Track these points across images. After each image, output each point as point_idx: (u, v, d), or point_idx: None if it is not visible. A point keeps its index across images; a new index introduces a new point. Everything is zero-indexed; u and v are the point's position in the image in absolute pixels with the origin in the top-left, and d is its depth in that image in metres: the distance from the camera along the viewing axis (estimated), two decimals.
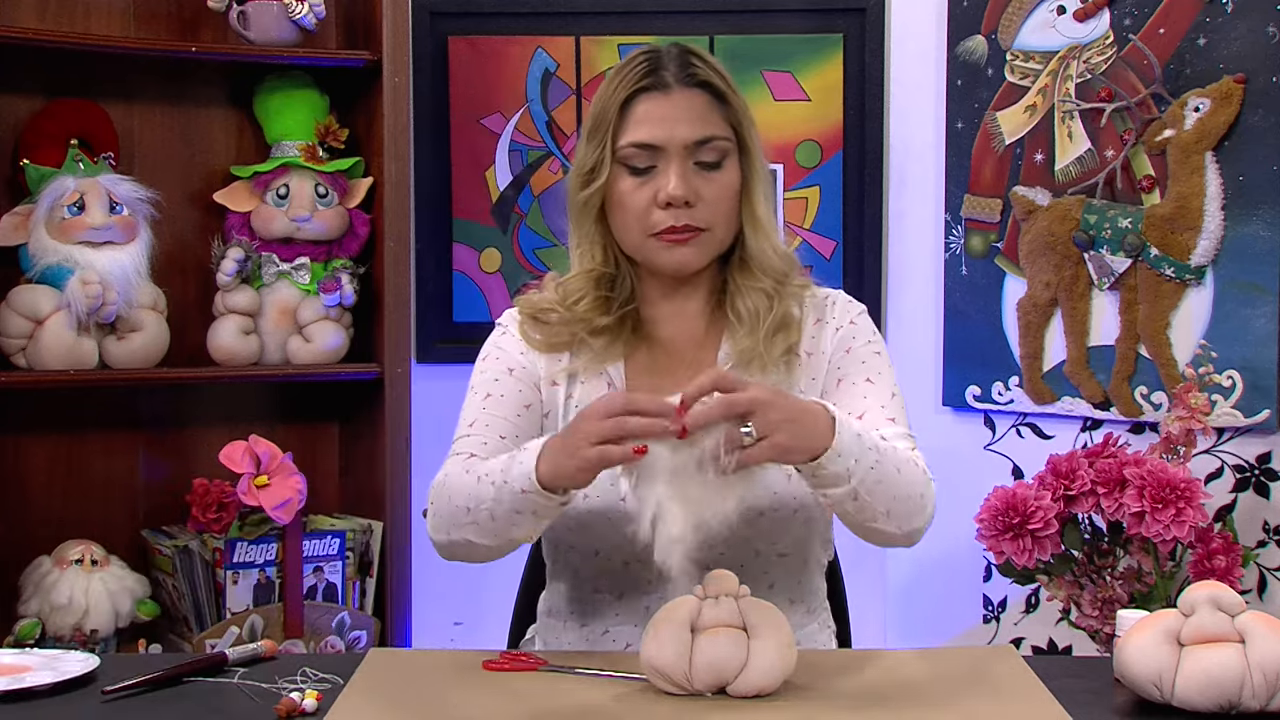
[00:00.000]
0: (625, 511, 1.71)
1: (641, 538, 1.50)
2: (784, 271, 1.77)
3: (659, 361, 1.79)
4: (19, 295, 2.56)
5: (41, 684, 1.52)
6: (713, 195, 1.71)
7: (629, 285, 1.78)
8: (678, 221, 1.70)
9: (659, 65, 1.72)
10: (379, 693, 1.52)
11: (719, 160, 1.72)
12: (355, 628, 2.70)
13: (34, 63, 2.65)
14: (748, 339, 1.74)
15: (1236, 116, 2.42)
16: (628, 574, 1.76)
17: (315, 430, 2.93)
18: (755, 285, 1.75)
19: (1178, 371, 2.51)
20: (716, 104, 1.72)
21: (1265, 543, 2.42)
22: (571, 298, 1.78)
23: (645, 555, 1.72)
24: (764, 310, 1.74)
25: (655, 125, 1.70)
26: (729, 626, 1.46)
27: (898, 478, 1.59)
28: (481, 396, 1.77)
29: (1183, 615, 1.44)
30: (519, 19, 3.02)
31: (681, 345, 1.79)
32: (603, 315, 1.77)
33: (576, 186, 1.75)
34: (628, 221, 1.72)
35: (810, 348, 1.78)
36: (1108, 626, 2.28)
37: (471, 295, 3.05)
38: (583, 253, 1.78)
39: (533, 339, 1.80)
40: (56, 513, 2.70)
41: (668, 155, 1.69)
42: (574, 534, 1.77)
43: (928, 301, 2.93)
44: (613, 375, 1.77)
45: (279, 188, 2.73)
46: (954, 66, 2.85)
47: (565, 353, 1.79)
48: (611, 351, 1.77)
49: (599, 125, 1.72)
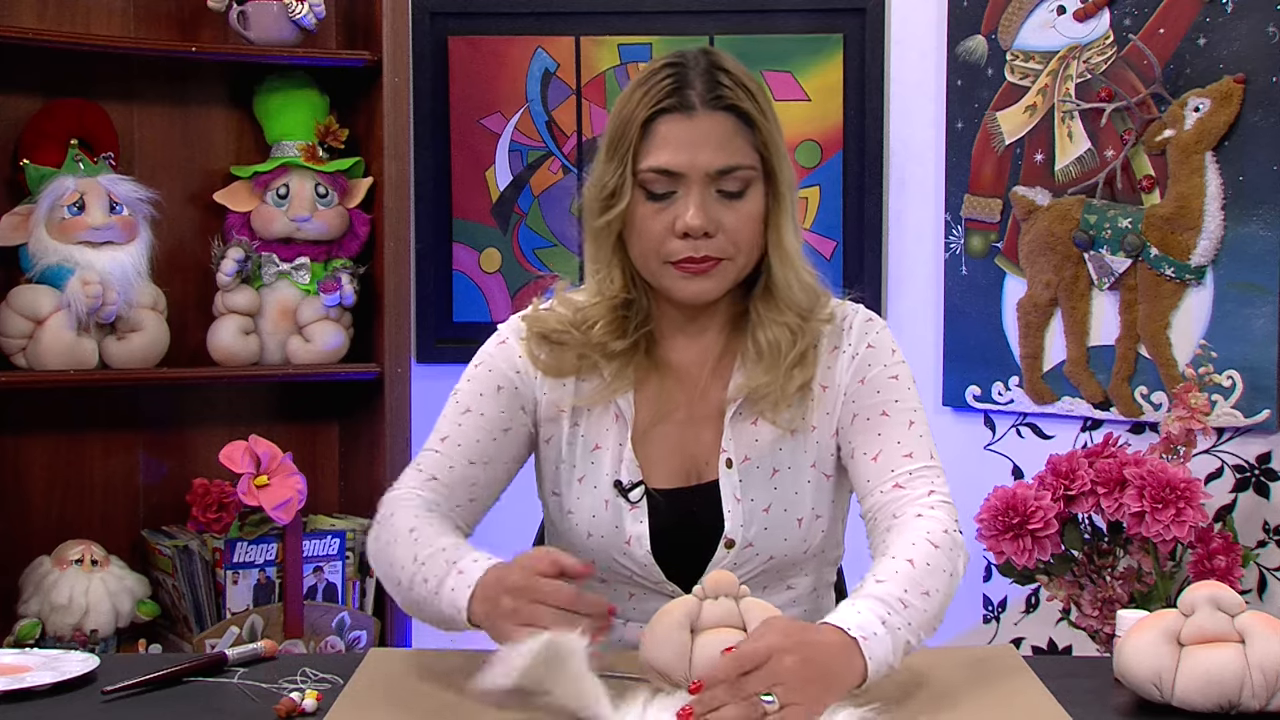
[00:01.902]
0: (629, 553, 1.70)
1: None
2: (809, 306, 1.69)
3: (669, 391, 1.73)
4: (19, 295, 2.56)
5: (41, 684, 1.52)
6: (733, 224, 1.63)
7: (646, 306, 1.72)
8: (696, 252, 1.62)
9: (684, 83, 1.62)
10: (379, 693, 1.52)
11: (741, 190, 1.63)
12: (355, 628, 2.70)
13: (34, 63, 2.65)
14: (764, 375, 1.67)
15: (1236, 116, 2.42)
16: (632, 603, 1.74)
17: (315, 430, 2.93)
18: (779, 319, 1.67)
19: (1178, 371, 2.51)
20: (743, 129, 1.63)
21: (1265, 543, 2.42)
22: (586, 323, 1.71)
23: (650, 590, 1.72)
24: (786, 345, 1.67)
25: (677, 150, 1.61)
26: (728, 627, 1.46)
27: (936, 611, 1.51)
28: (461, 409, 1.72)
29: (1183, 615, 1.44)
30: (519, 19, 3.02)
31: (693, 374, 1.73)
32: (618, 339, 1.70)
33: (596, 210, 1.66)
34: (644, 247, 1.64)
35: (826, 379, 1.70)
36: (1108, 626, 2.28)
37: (471, 295, 3.05)
38: (602, 279, 1.70)
39: (538, 359, 1.73)
40: (56, 513, 2.70)
41: (688, 182, 1.61)
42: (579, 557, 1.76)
43: (928, 301, 2.93)
44: (621, 407, 1.71)
45: (279, 188, 2.74)
46: (954, 66, 2.85)
47: (571, 378, 1.73)
48: (621, 379, 1.70)
49: (619, 143, 1.64)
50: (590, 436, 1.72)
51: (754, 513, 1.69)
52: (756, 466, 1.70)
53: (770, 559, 1.71)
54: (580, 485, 1.72)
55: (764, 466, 1.70)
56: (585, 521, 1.71)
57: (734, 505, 1.69)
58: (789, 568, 1.73)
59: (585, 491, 1.72)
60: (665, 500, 1.70)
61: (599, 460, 1.72)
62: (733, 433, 1.70)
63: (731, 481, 1.69)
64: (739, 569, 1.69)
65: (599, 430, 1.72)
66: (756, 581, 1.70)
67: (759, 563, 1.70)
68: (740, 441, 1.70)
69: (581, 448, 1.73)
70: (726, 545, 1.69)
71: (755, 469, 1.70)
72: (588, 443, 1.72)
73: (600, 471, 1.71)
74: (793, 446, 1.70)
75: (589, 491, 1.72)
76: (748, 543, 1.69)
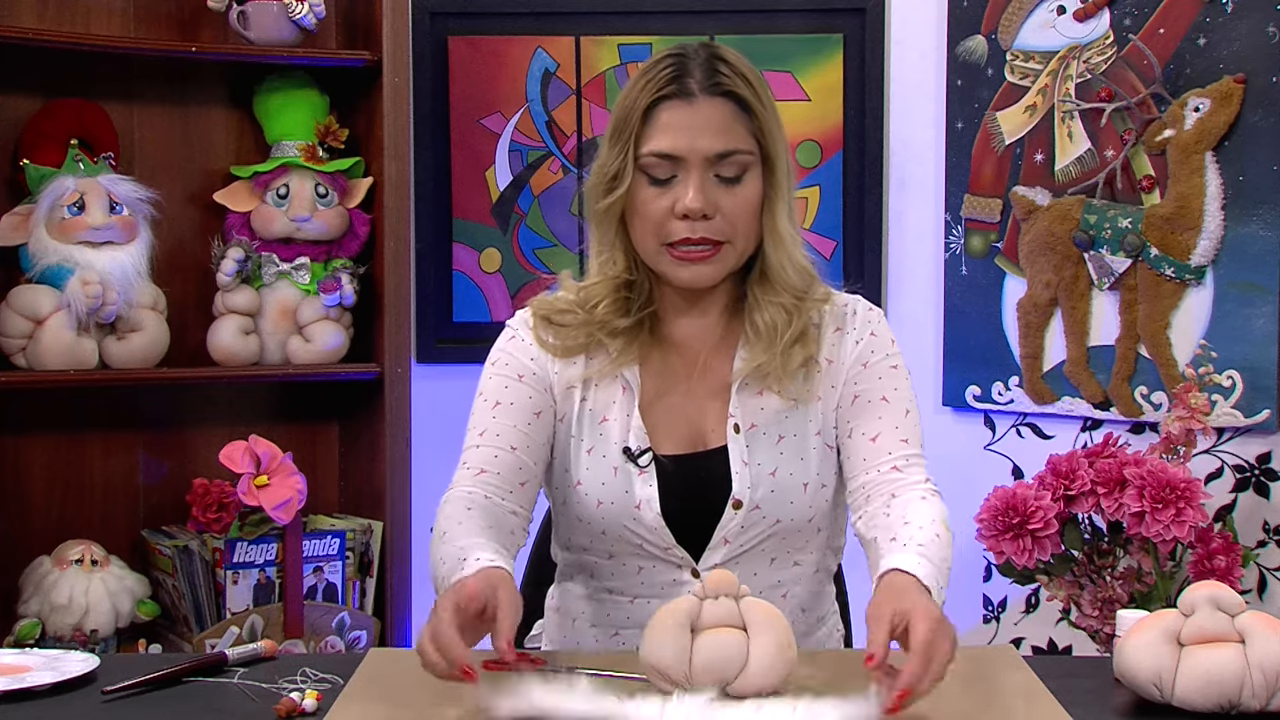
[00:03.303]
0: (639, 518, 1.72)
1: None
2: (803, 288, 1.74)
3: (673, 366, 1.77)
4: (19, 295, 2.56)
5: (41, 684, 1.52)
6: (732, 209, 1.68)
7: (648, 289, 1.77)
8: (694, 234, 1.67)
9: (685, 71, 1.68)
10: (379, 693, 1.52)
11: (739, 175, 1.68)
12: (355, 628, 2.70)
13: (34, 63, 2.65)
14: (764, 353, 1.72)
15: (1236, 116, 2.42)
16: (640, 578, 1.76)
17: (315, 430, 2.93)
18: (774, 300, 1.73)
19: (1178, 371, 2.51)
20: (742, 115, 1.69)
21: (1265, 543, 2.42)
22: (590, 301, 1.75)
23: (659, 560, 1.74)
24: (782, 325, 1.72)
25: (677, 135, 1.66)
26: (728, 626, 1.46)
27: (949, 552, 1.60)
28: (491, 404, 1.76)
29: (1183, 615, 1.44)
30: (519, 19, 3.02)
31: (697, 350, 1.77)
32: (621, 317, 1.75)
33: (598, 193, 1.71)
34: (645, 230, 1.70)
35: (830, 355, 1.76)
36: (1108, 626, 2.28)
37: (471, 295, 3.05)
38: (604, 260, 1.76)
39: (546, 343, 1.77)
40: (56, 513, 2.70)
41: (688, 166, 1.66)
42: (588, 537, 1.77)
43: (928, 301, 2.93)
44: (628, 379, 1.75)
45: (279, 188, 2.73)
46: (954, 66, 2.85)
47: (580, 356, 1.77)
48: (627, 354, 1.75)
49: (621, 130, 1.69)
50: (598, 409, 1.76)
51: (761, 476, 1.72)
52: (763, 433, 1.74)
53: (777, 522, 1.73)
54: (589, 456, 1.75)
55: (770, 433, 1.74)
56: (595, 490, 1.74)
57: (741, 468, 1.72)
58: (795, 536, 1.76)
59: (594, 462, 1.75)
60: (674, 465, 1.73)
61: (607, 431, 1.75)
62: (739, 401, 1.74)
63: (739, 445, 1.73)
64: (746, 532, 1.72)
65: (606, 402, 1.75)
66: (764, 551, 1.74)
67: (766, 526, 1.73)
68: (747, 409, 1.74)
69: (589, 420, 1.76)
70: (735, 506, 1.72)
71: (762, 435, 1.74)
72: (595, 415, 1.76)
73: (609, 441, 1.74)
74: (798, 416, 1.74)
75: (598, 461, 1.74)
76: (755, 504, 1.72)
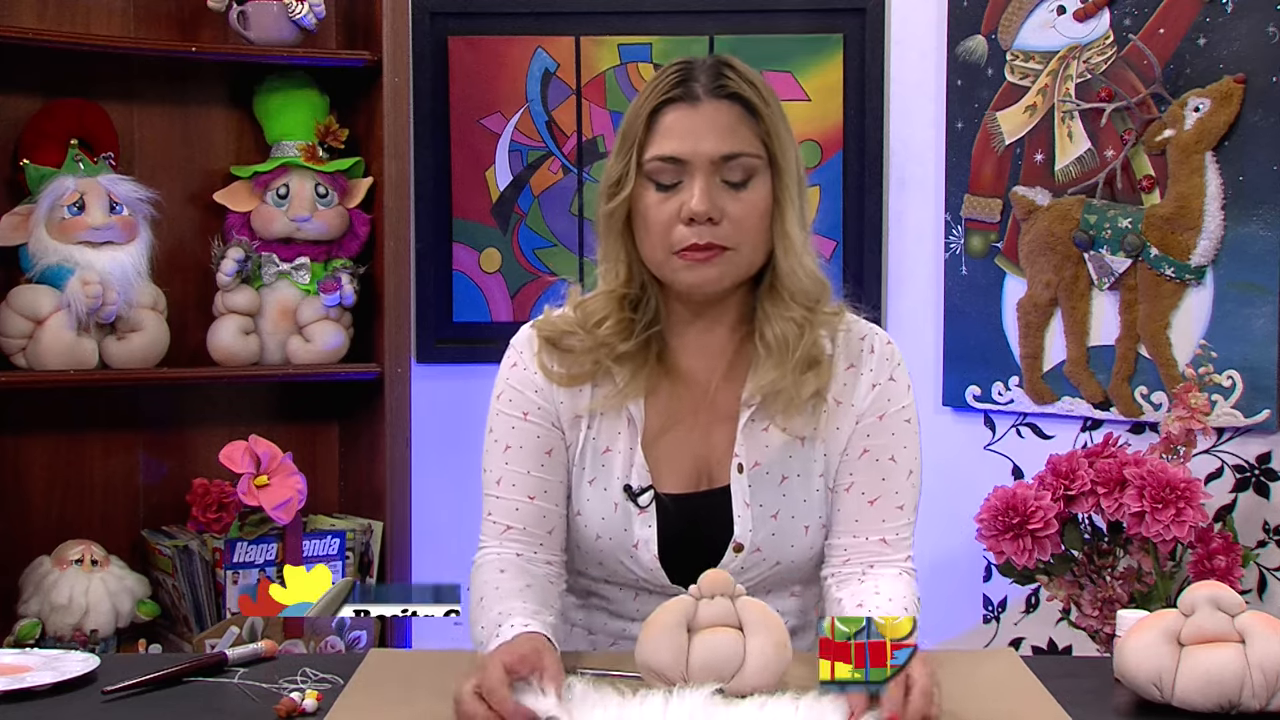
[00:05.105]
0: (636, 557, 1.71)
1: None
2: (815, 297, 1.69)
3: (680, 399, 1.73)
4: (19, 295, 2.56)
5: (41, 684, 1.52)
6: (738, 214, 1.64)
7: (653, 306, 1.72)
8: (700, 239, 1.62)
9: (690, 76, 1.66)
10: (379, 693, 1.53)
11: (746, 179, 1.65)
12: (355, 628, 2.69)
13: (33, 63, 2.65)
14: (774, 370, 1.67)
15: (1236, 116, 2.42)
16: (637, 604, 1.75)
17: (315, 430, 2.93)
18: (784, 314, 1.67)
19: (1178, 371, 2.51)
20: (748, 117, 1.65)
21: (1265, 543, 2.42)
22: (593, 319, 1.71)
23: (656, 593, 1.72)
24: (794, 339, 1.67)
25: (681, 138, 1.63)
26: (724, 626, 1.46)
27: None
28: (501, 447, 1.73)
29: (1183, 615, 1.44)
30: (519, 19, 3.02)
31: (705, 381, 1.73)
32: (625, 340, 1.70)
33: (603, 199, 1.69)
34: (651, 237, 1.65)
35: (840, 395, 1.71)
36: (1108, 626, 2.28)
37: (471, 295, 3.05)
38: (607, 270, 1.71)
39: (551, 372, 1.72)
40: (56, 513, 2.70)
41: (692, 170, 1.63)
42: (586, 564, 1.76)
43: (928, 301, 2.93)
44: (633, 413, 1.71)
45: (279, 188, 2.73)
46: (954, 66, 2.85)
47: (586, 384, 1.73)
48: (634, 385, 1.70)
49: (626, 136, 1.67)
50: (601, 440, 1.73)
51: (763, 518, 1.70)
52: (766, 473, 1.71)
53: (777, 564, 1.72)
54: (590, 487, 1.73)
55: (774, 473, 1.71)
56: (594, 524, 1.72)
57: (744, 510, 1.70)
58: (794, 573, 1.74)
59: (595, 494, 1.72)
60: (674, 505, 1.71)
61: (609, 463, 1.72)
62: (745, 438, 1.70)
63: (742, 486, 1.70)
64: (745, 573, 1.70)
65: (610, 434, 1.72)
66: (761, 586, 1.72)
67: (765, 568, 1.71)
68: (752, 446, 1.70)
69: (592, 451, 1.73)
70: (735, 549, 1.70)
71: (765, 475, 1.71)
72: (599, 446, 1.73)
73: (610, 475, 1.72)
74: (803, 455, 1.71)
75: (599, 494, 1.72)
76: (756, 547, 1.70)
